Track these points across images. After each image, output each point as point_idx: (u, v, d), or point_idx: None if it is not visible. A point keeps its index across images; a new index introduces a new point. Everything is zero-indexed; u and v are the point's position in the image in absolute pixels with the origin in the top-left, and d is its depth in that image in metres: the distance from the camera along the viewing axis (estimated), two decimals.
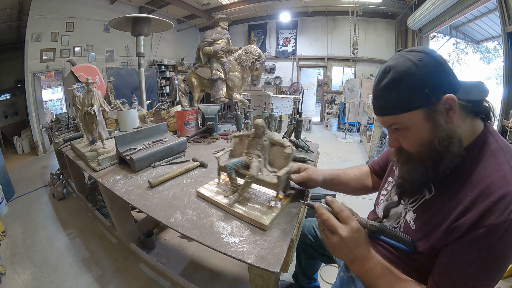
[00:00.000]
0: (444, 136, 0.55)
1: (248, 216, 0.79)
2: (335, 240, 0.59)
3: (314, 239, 1.13)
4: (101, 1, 5.73)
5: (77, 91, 1.75)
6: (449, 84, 0.54)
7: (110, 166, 1.36)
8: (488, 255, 0.50)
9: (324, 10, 6.76)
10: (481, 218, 0.49)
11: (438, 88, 0.53)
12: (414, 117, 0.55)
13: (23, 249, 1.88)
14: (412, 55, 0.54)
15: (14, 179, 3.04)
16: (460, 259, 0.52)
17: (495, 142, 0.57)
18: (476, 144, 0.58)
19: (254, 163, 0.87)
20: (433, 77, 0.53)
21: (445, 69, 0.54)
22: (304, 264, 1.27)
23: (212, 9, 6.69)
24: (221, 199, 0.89)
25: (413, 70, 0.53)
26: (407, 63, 0.53)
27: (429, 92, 0.53)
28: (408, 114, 0.55)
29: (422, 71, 0.52)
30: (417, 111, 0.55)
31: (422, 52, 0.55)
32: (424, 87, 0.53)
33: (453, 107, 0.53)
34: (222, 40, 3.42)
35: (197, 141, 1.77)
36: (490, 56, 8.44)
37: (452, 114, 0.54)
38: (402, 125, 0.58)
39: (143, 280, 1.57)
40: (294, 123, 1.62)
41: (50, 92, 6.58)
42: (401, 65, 0.54)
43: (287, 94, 5.64)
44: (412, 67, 0.53)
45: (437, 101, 0.53)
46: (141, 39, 2.61)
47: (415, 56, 0.54)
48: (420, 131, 0.57)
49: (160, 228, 2.06)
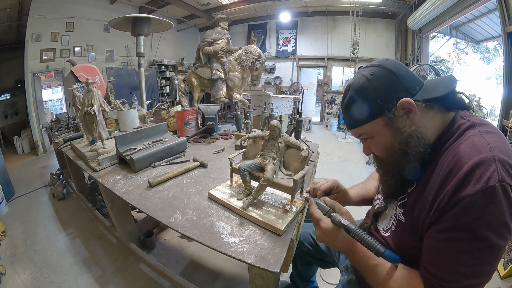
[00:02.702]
0: (403, 139, 0.58)
1: (263, 220, 0.77)
2: (317, 232, 0.66)
3: (311, 246, 1.11)
4: (101, 1, 5.72)
5: (77, 91, 1.75)
6: (404, 89, 0.58)
7: (110, 166, 1.36)
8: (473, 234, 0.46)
9: (324, 10, 6.76)
10: (455, 194, 0.47)
11: (391, 96, 0.57)
12: (375, 126, 0.61)
13: (23, 249, 1.88)
14: (366, 71, 0.61)
15: (14, 179, 3.04)
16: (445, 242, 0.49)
17: (466, 122, 0.57)
18: (447, 131, 0.58)
19: (269, 165, 0.86)
20: (384, 87, 0.58)
21: (398, 77, 0.58)
22: (301, 269, 1.26)
23: (212, 9, 6.69)
24: (234, 201, 0.87)
25: (366, 85, 0.59)
26: (361, 79, 0.60)
27: (381, 102, 0.57)
28: (369, 124, 0.61)
29: (373, 84, 0.58)
30: (376, 120, 0.60)
31: (376, 66, 0.60)
32: (377, 99, 0.58)
33: (412, 109, 0.56)
34: (222, 40, 3.43)
35: (197, 141, 1.77)
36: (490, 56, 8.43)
37: (413, 116, 0.57)
38: (367, 134, 0.65)
39: (143, 280, 1.57)
40: (294, 123, 1.62)
41: (50, 92, 6.57)
42: (357, 82, 0.61)
43: (287, 94, 5.64)
44: (365, 82, 0.59)
45: (393, 108, 0.57)
46: (141, 39, 2.61)
47: (368, 71, 0.60)
48: (382, 137, 0.62)
49: (160, 228, 2.06)
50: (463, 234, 0.47)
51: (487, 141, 0.50)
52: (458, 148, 0.52)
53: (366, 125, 0.62)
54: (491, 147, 0.49)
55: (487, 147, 0.49)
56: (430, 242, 0.53)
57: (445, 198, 0.49)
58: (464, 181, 0.47)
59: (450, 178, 0.50)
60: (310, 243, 1.12)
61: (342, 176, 3.32)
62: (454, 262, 0.48)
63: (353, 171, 3.58)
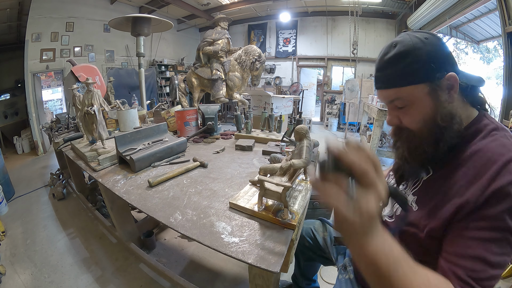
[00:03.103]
0: (446, 112, 0.56)
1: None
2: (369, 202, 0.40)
3: (313, 241, 1.12)
4: (101, 1, 5.73)
5: (77, 91, 1.75)
6: (452, 64, 0.57)
7: (110, 166, 1.36)
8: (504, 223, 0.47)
9: (324, 10, 6.76)
10: (489, 186, 0.49)
11: (442, 65, 0.55)
12: (418, 91, 0.56)
13: (23, 249, 1.88)
14: (418, 34, 0.57)
15: (14, 179, 3.04)
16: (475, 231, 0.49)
17: (491, 123, 0.58)
18: (472, 126, 0.59)
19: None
20: (439, 54, 0.55)
21: (448, 51, 0.56)
22: (303, 266, 1.26)
23: (212, 9, 6.69)
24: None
25: (420, 45, 0.55)
26: (414, 39, 0.56)
27: (434, 66, 0.54)
28: (412, 88, 0.56)
29: (429, 47, 0.55)
30: (421, 85, 0.56)
31: (429, 33, 0.57)
32: (430, 62, 0.54)
33: (455, 86, 0.56)
34: (222, 40, 3.43)
35: (197, 141, 1.77)
36: (490, 56, 8.43)
37: (453, 94, 0.56)
38: (404, 100, 0.59)
39: (143, 280, 1.57)
40: (294, 123, 1.62)
41: (50, 92, 6.57)
42: (408, 40, 0.56)
43: (287, 94, 5.64)
44: (419, 43, 0.55)
45: (441, 78, 0.55)
46: (141, 39, 2.61)
47: (421, 35, 0.57)
48: (423, 107, 0.57)
49: (160, 228, 2.06)
50: (495, 224, 0.48)
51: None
52: (489, 146, 0.54)
53: (408, 87, 0.56)
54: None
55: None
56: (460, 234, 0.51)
57: (477, 191, 0.50)
58: (498, 174, 0.49)
59: (481, 174, 0.51)
60: (312, 238, 1.13)
61: None
62: (485, 251, 0.48)
63: None
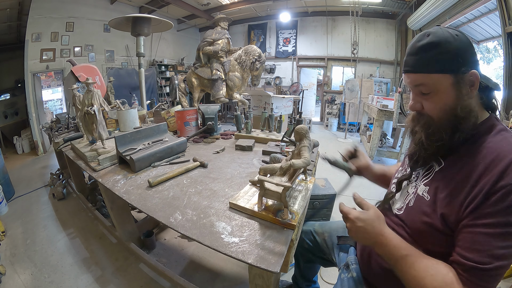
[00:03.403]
0: (466, 105, 0.60)
1: None
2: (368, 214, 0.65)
3: (312, 243, 1.12)
4: (101, 1, 5.72)
5: (77, 91, 1.75)
6: (475, 63, 0.61)
7: (110, 166, 1.36)
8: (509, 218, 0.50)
9: (324, 10, 6.76)
10: (496, 182, 0.52)
11: (468, 62, 0.59)
12: (444, 80, 0.60)
13: (23, 249, 1.88)
14: (451, 30, 0.61)
15: (14, 179, 3.04)
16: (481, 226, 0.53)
17: (500, 125, 0.63)
18: (484, 124, 0.63)
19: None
20: (466, 51, 0.59)
21: (474, 52, 0.61)
22: (303, 268, 1.26)
23: (212, 9, 6.69)
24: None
25: (451, 39, 0.58)
26: (446, 33, 0.59)
27: (461, 61, 0.58)
28: (439, 76, 0.60)
29: (458, 43, 0.58)
30: (447, 75, 0.59)
31: (459, 31, 0.61)
32: (458, 55, 0.58)
33: (476, 83, 0.60)
34: (222, 40, 3.43)
35: (197, 141, 1.77)
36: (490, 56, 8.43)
37: (473, 90, 0.60)
38: (430, 87, 0.62)
39: (143, 280, 1.57)
40: (294, 123, 1.62)
41: (50, 92, 6.57)
42: (441, 32, 0.60)
43: (287, 94, 5.64)
44: (450, 37, 0.59)
45: (466, 72, 0.59)
46: (141, 39, 2.61)
47: (453, 31, 0.60)
48: (446, 96, 0.61)
49: (160, 228, 2.06)
50: (501, 219, 0.51)
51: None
52: (498, 143, 0.57)
53: (436, 75, 0.60)
54: None
55: None
56: (467, 229, 0.55)
57: (486, 187, 0.53)
58: (506, 171, 0.52)
59: (490, 169, 0.54)
60: (312, 240, 1.13)
61: (342, 176, 3.31)
62: (490, 245, 0.52)
63: None
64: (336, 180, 3.22)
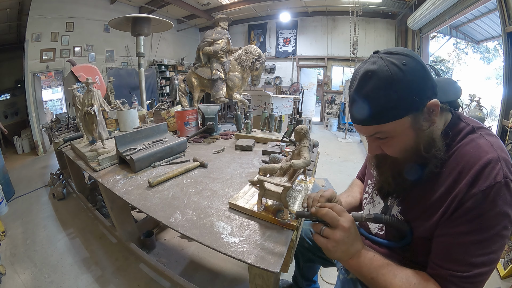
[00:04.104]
0: (428, 141, 0.56)
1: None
2: (338, 235, 0.58)
3: (312, 242, 1.12)
4: (101, 1, 5.73)
5: (77, 91, 1.75)
6: (432, 87, 0.53)
7: (110, 166, 1.36)
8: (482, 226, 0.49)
9: (324, 10, 6.76)
10: (468, 190, 0.50)
11: (424, 94, 0.52)
12: (400, 125, 0.53)
13: (23, 249, 1.88)
14: (395, 58, 0.51)
15: (14, 179, 3.04)
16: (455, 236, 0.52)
17: (466, 125, 0.59)
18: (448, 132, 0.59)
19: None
20: (420, 83, 0.51)
21: (427, 73, 0.53)
22: (303, 267, 1.26)
23: (212, 9, 6.69)
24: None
25: (399, 76, 0.49)
26: (392, 68, 0.50)
27: (417, 99, 0.51)
28: (395, 123, 0.53)
29: (409, 76, 0.50)
30: (403, 118, 0.53)
31: (404, 54, 0.52)
32: (412, 94, 0.51)
33: (436, 111, 0.54)
34: (222, 40, 3.43)
35: (197, 141, 1.77)
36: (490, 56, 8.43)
37: (434, 117, 0.55)
38: (386, 134, 0.56)
39: (143, 280, 1.57)
40: (294, 123, 1.62)
41: (50, 92, 6.58)
42: (385, 69, 0.50)
43: (287, 94, 5.64)
44: (398, 72, 0.50)
45: (423, 107, 0.53)
46: (141, 39, 2.61)
47: (398, 59, 0.51)
48: (405, 139, 0.56)
49: (160, 228, 2.06)
50: (474, 227, 0.50)
51: (490, 142, 0.54)
52: (465, 149, 0.55)
53: (391, 123, 0.53)
54: (494, 147, 0.53)
55: (491, 147, 0.53)
56: (442, 238, 0.54)
57: (458, 196, 0.52)
58: (476, 179, 0.50)
59: (461, 178, 0.52)
60: (310, 238, 1.12)
61: (342, 176, 3.32)
62: (466, 254, 0.51)
63: (353, 171, 3.58)
64: (336, 180, 3.24)
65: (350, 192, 0.98)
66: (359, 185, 1.00)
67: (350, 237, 0.59)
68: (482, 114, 2.40)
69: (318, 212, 0.62)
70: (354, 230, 0.60)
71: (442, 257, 0.54)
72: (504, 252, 1.63)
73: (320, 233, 0.61)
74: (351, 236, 0.59)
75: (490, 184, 0.49)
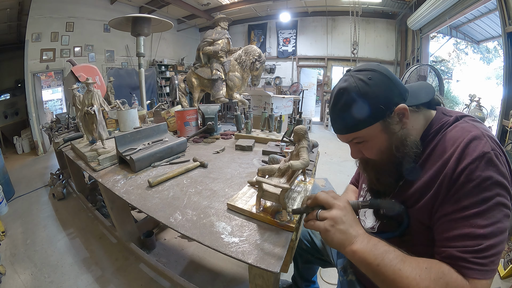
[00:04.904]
0: (399, 142, 0.61)
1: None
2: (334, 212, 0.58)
3: (310, 244, 1.12)
4: (101, 1, 5.73)
5: (77, 91, 1.75)
6: (399, 94, 0.60)
7: (110, 166, 1.36)
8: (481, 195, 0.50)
9: (324, 10, 6.76)
10: (457, 166, 0.52)
11: (390, 101, 0.59)
12: (373, 131, 0.61)
13: (23, 249, 1.88)
14: (362, 75, 0.59)
15: (14, 179, 3.04)
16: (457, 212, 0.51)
17: (449, 118, 0.62)
18: (432, 126, 0.63)
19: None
20: (385, 92, 0.59)
21: (393, 82, 0.60)
22: (302, 268, 1.27)
23: (212, 9, 6.70)
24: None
25: (366, 90, 0.58)
26: (359, 83, 0.59)
27: (383, 107, 0.58)
28: (367, 129, 0.61)
29: (374, 89, 0.58)
30: (374, 125, 0.60)
31: (371, 70, 0.60)
32: (378, 104, 0.58)
33: (405, 114, 0.60)
34: (222, 40, 3.43)
35: (197, 141, 1.77)
36: (490, 56, 8.43)
37: (405, 120, 0.61)
38: (362, 139, 0.64)
39: (143, 280, 1.57)
40: (294, 123, 1.62)
41: (50, 92, 6.58)
42: (353, 85, 0.59)
43: (287, 94, 5.64)
44: (365, 86, 0.58)
45: (391, 113, 0.59)
46: (141, 39, 2.61)
47: (365, 75, 0.59)
48: (379, 141, 0.63)
49: (160, 228, 2.06)
50: (473, 199, 0.50)
51: (473, 124, 0.58)
52: (449, 134, 0.58)
53: (364, 130, 0.61)
54: (478, 127, 0.56)
55: (475, 127, 0.56)
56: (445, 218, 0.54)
57: (447, 176, 0.53)
58: (462, 155, 0.52)
59: (448, 157, 0.55)
60: (309, 240, 1.13)
61: (342, 176, 3.31)
62: (473, 226, 0.50)
63: (353, 172, 3.55)
64: (336, 180, 3.24)
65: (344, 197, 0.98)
66: (353, 190, 1.01)
67: (347, 216, 0.59)
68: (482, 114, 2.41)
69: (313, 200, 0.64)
70: (351, 211, 0.61)
71: (450, 237, 0.52)
72: (504, 252, 1.63)
73: (316, 218, 0.61)
74: (348, 215, 0.59)
75: (478, 155, 0.50)
